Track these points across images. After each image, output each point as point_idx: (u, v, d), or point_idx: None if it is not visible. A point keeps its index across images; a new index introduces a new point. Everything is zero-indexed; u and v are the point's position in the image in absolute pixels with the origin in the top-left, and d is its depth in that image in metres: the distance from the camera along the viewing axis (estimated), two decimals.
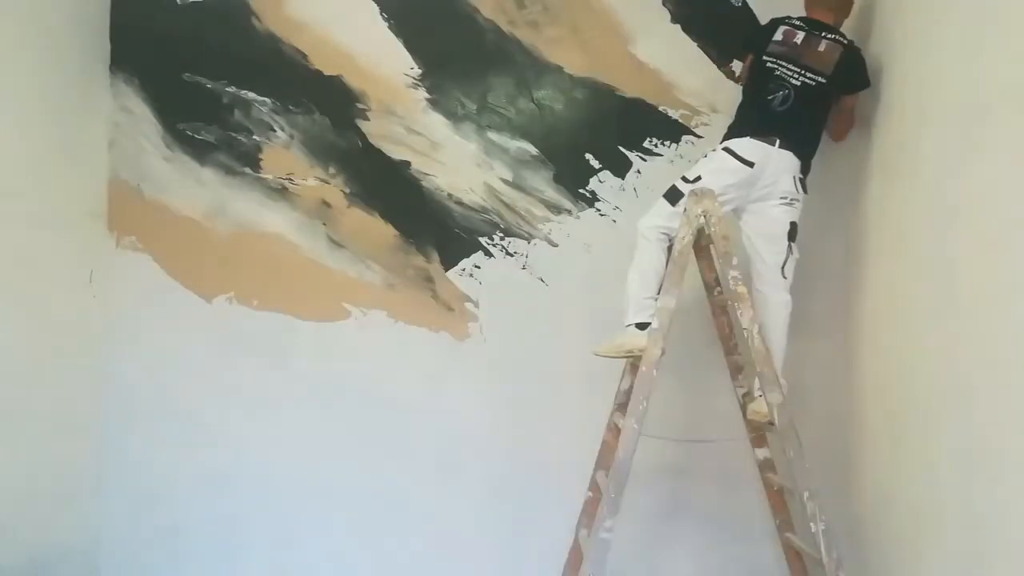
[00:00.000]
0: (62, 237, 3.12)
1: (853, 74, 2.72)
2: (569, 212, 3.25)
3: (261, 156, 3.32)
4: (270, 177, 3.32)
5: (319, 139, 3.31)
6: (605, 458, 2.69)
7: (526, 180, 3.27)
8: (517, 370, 3.22)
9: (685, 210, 2.56)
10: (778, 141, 2.60)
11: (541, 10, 3.26)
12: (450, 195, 3.28)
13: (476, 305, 3.26)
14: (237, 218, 3.31)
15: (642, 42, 3.22)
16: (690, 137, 3.21)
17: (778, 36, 2.69)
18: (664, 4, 3.22)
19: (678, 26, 3.21)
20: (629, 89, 3.23)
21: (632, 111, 3.22)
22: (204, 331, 3.29)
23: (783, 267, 2.66)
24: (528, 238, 3.25)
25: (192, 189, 3.32)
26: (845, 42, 2.70)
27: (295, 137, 3.32)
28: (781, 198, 2.62)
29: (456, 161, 3.28)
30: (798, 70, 2.65)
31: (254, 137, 3.32)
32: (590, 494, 2.78)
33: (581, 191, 3.25)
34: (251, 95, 3.32)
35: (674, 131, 3.22)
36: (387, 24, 3.30)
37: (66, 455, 3.13)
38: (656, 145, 3.23)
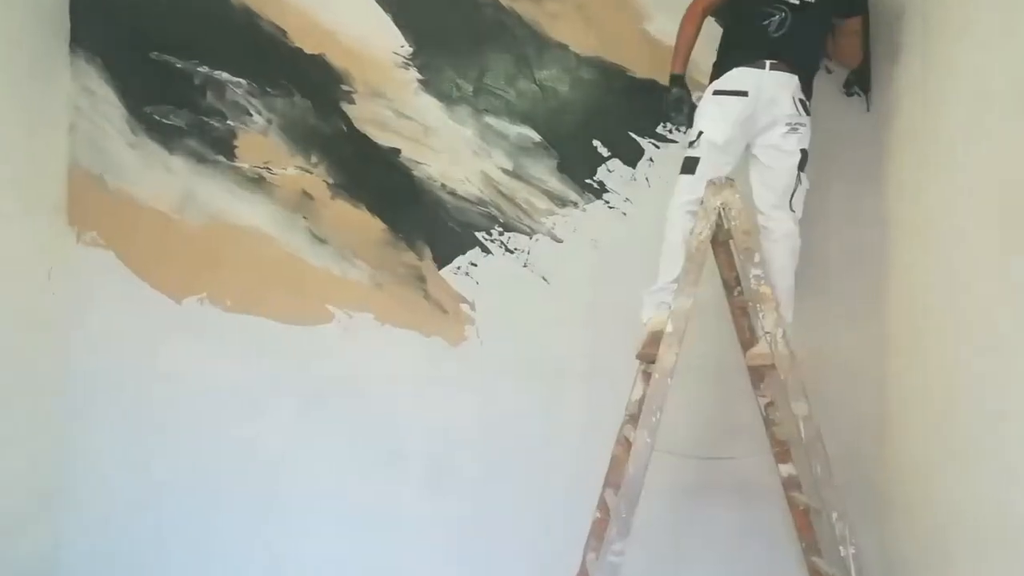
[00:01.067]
0: (17, 231, 2.98)
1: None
2: (575, 204, 3.16)
3: (236, 142, 3.21)
4: (246, 166, 3.21)
5: (300, 124, 3.20)
6: (614, 475, 2.64)
7: (527, 169, 3.18)
8: (517, 378, 3.13)
9: (703, 202, 2.51)
10: (768, 64, 2.55)
11: None
12: (444, 185, 3.17)
13: (472, 307, 3.16)
14: (209, 211, 3.20)
15: (656, 18, 3.10)
16: None
17: None
18: None
19: None
20: (641, 69, 3.11)
21: (644, 94, 3.10)
22: (174, 334, 3.18)
23: (791, 198, 2.62)
24: (530, 233, 3.16)
25: (160, 178, 3.20)
26: None
27: (273, 122, 3.21)
28: (786, 124, 2.56)
29: (450, 148, 3.19)
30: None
31: (228, 122, 3.21)
32: (598, 514, 2.70)
33: (588, 181, 3.16)
34: (225, 75, 3.21)
35: (689, 116, 2.99)
36: None
37: (25, 463, 3.01)
38: (671, 131, 3.11)
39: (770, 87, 2.54)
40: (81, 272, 3.17)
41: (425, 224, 3.16)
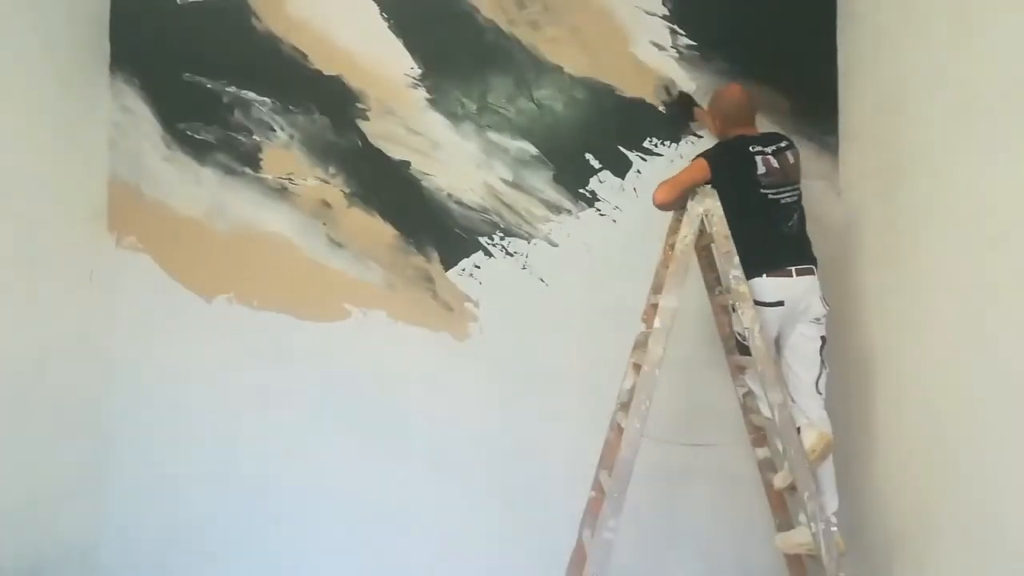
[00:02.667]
0: (62, 237, 3.12)
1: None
2: (569, 212, 3.25)
3: (261, 156, 3.32)
4: (270, 177, 3.32)
5: (319, 139, 3.30)
6: (608, 457, 2.70)
7: (526, 180, 3.27)
8: (517, 370, 3.21)
9: (687, 210, 2.59)
10: (793, 270, 2.63)
11: (541, 10, 3.26)
12: (450, 195, 3.27)
13: (476, 305, 3.25)
14: (237, 218, 3.31)
15: (641, 42, 3.23)
16: (690, 137, 3.20)
17: (760, 168, 2.66)
18: (664, 3, 3.24)
19: (676, 25, 3.23)
20: (629, 89, 3.24)
21: (632, 111, 3.23)
22: (204, 331, 3.29)
23: (816, 383, 2.68)
24: (528, 238, 3.25)
25: (192, 189, 3.32)
26: (788, 141, 2.76)
27: (295, 137, 3.31)
28: (814, 319, 2.66)
29: (456, 161, 3.28)
30: (790, 188, 2.70)
31: (254, 137, 3.32)
32: (593, 494, 2.77)
33: (581, 191, 3.26)
34: (251, 95, 3.32)
35: (674, 131, 3.23)
36: (387, 24, 3.30)
37: (67, 455, 3.12)
38: (656, 145, 3.24)
39: (801, 294, 2.62)
40: (120, 273, 3.28)
41: (433, 230, 3.24)
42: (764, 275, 2.60)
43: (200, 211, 3.31)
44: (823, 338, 2.67)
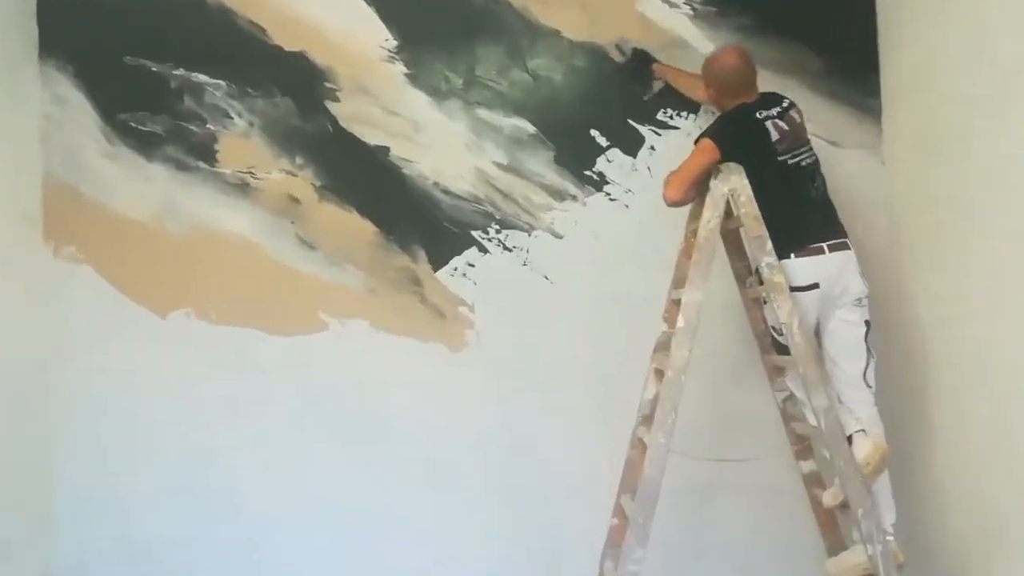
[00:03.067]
0: None
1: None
2: (574, 198, 3.11)
3: (217, 147, 3.15)
4: (228, 171, 3.15)
5: (283, 125, 3.15)
6: (629, 479, 2.58)
7: (523, 163, 3.13)
8: (520, 382, 3.07)
9: (709, 190, 2.49)
10: (826, 246, 2.52)
11: None
12: (436, 183, 3.12)
13: (471, 309, 3.11)
14: (192, 219, 3.14)
15: None
16: (711, 106, 2.99)
17: (775, 135, 2.57)
18: None
19: None
20: None
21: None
22: (160, 349, 3.09)
23: (864, 374, 2.57)
24: (528, 230, 3.11)
25: (139, 188, 3.13)
26: (789, 99, 2.67)
27: (255, 124, 3.15)
28: (855, 301, 2.56)
29: (442, 144, 3.14)
30: (806, 149, 2.62)
31: (208, 126, 3.15)
32: (615, 521, 2.63)
33: (587, 173, 3.11)
34: (203, 78, 3.15)
35: (691, 100, 3.05)
36: None
37: (11, 487, 2.93)
38: (672, 117, 3.10)
39: (837, 273, 2.52)
40: (60, 288, 3.09)
41: (418, 225, 3.10)
42: (792, 255, 2.50)
43: (149, 213, 3.13)
44: (867, 322, 2.57)
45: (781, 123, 2.57)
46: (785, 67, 3.02)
